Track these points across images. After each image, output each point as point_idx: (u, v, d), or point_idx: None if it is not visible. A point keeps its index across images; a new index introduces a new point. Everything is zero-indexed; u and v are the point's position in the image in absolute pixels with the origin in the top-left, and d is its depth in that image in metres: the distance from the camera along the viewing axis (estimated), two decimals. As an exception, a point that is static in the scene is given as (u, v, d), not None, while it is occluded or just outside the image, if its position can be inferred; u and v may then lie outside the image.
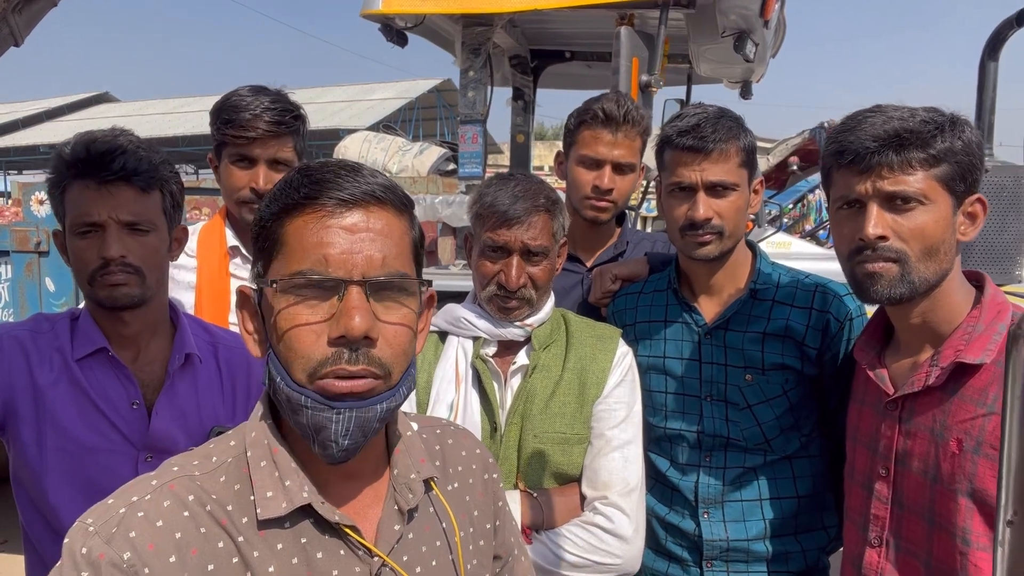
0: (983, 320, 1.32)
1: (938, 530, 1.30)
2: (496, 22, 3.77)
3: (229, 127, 1.90)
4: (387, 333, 0.88)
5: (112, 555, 0.82)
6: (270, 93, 1.95)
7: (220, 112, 1.94)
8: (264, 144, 1.91)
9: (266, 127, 1.89)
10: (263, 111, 1.89)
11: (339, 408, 0.86)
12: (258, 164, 1.92)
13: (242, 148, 1.91)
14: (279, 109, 1.92)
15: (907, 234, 1.30)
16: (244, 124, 1.89)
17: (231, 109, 1.91)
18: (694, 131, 1.65)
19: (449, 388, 1.62)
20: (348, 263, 0.87)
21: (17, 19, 0.95)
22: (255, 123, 1.88)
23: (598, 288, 2.02)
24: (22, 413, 1.43)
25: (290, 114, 1.94)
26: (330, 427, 0.86)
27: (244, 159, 1.93)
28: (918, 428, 1.35)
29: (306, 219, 0.88)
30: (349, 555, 0.91)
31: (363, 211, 0.89)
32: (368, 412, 0.87)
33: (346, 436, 0.87)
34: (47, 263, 3.76)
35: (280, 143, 1.94)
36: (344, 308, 0.85)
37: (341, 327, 0.85)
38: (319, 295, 0.87)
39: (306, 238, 0.88)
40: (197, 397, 1.56)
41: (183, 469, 0.91)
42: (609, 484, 1.58)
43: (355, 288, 0.86)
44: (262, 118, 1.89)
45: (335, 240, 0.87)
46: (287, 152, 1.95)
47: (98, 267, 1.42)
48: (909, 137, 1.27)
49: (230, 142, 1.92)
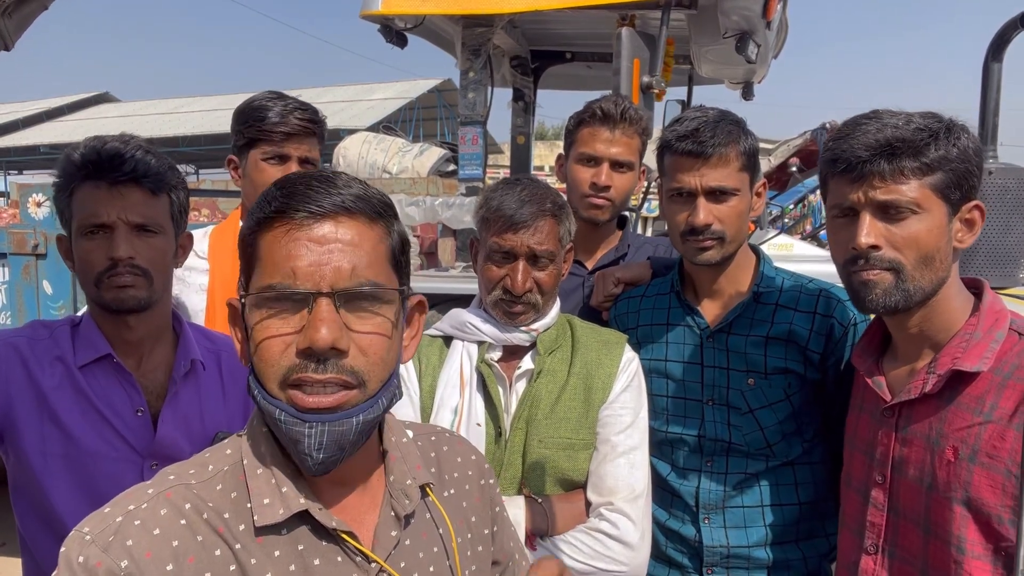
0: (981, 328, 1.31)
1: (933, 538, 1.30)
2: (496, 23, 3.76)
3: (263, 123, 1.96)
4: (361, 342, 0.88)
5: (109, 564, 0.82)
6: (292, 98, 2.04)
7: (248, 112, 1.99)
8: (298, 141, 1.99)
9: (299, 123, 1.97)
10: (294, 109, 1.97)
11: (311, 421, 0.86)
12: (290, 161, 1.98)
13: (277, 145, 1.98)
14: (309, 110, 2.01)
15: (901, 243, 1.29)
16: (277, 121, 1.95)
17: (261, 109, 1.98)
18: (693, 136, 1.64)
19: (454, 393, 1.61)
20: (316, 275, 0.87)
21: (7, 23, 0.94)
22: (288, 120, 1.96)
23: (600, 292, 2.01)
24: (23, 420, 1.42)
25: (316, 116, 2.03)
26: (303, 440, 0.86)
27: (276, 156, 1.98)
28: (914, 436, 1.35)
29: (276, 233, 0.89)
30: (346, 561, 0.92)
31: (332, 222, 0.89)
32: (342, 426, 0.87)
33: (320, 450, 0.86)
34: (45, 266, 3.74)
35: (309, 143, 2.01)
36: (311, 320, 0.86)
37: (307, 339, 0.85)
38: (290, 308, 0.88)
39: (276, 252, 0.88)
40: (200, 404, 1.55)
41: (179, 478, 0.92)
42: (615, 490, 1.57)
43: (324, 300, 0.86)
44: (295, 115, 1.97)
45: (302, 253, 0.87)
46: (315, 153, 2.03)
47: (105, 268, 1.42)
48: (901, 146, 1.27)
49: (264, 138, 1.98)
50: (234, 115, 2.05)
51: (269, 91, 2.05)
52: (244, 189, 2.10)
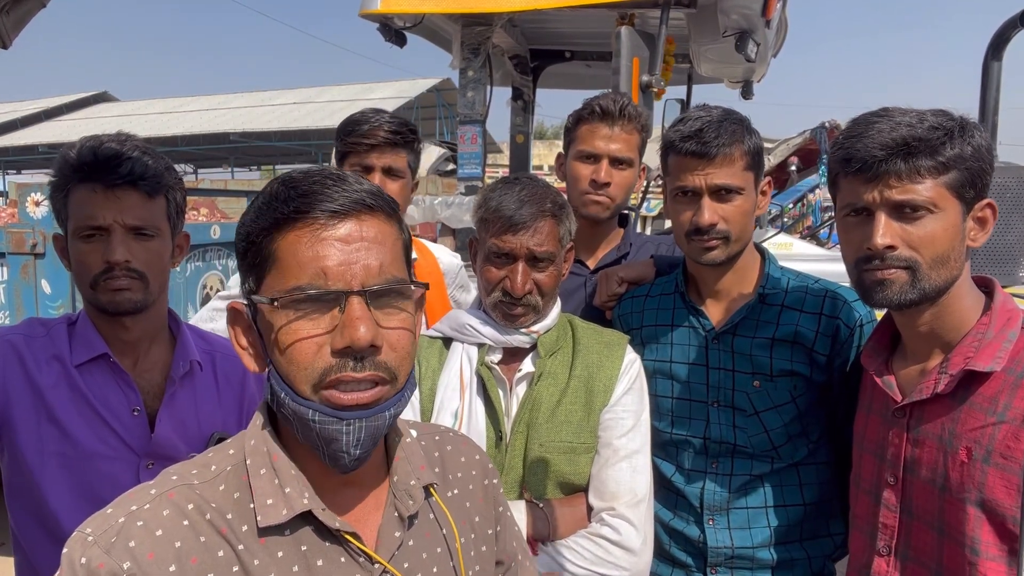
0: (993, 327, 1.30)
1: (947, 540, 1.29)
2: (495, 21, 3.76)
3: (351, 136, 2.05)
4: (390, 339, 0.89)
5: (112, 565, 0.82)
6: (388, 113, 2.11)
7: (344, 127, 2.09)
8: (381, 152, 2.05)
9: (385, 135, 2.04)
10: (383, 123, 2.05)
11: (348, 419, 0.86)
12: (374, 172, 2.05)
13: (362, 156, 2.05)
14: (397, 123, 2.08)
15: (916, 243, 1.28)
16: (364, 134, 2.04)
17: (354, 123, 2.07)
18: (697, 136, 1.62)
19: (454, 396, 1.59)
20: (347, 274, 0.87)
21: (5, 20, 0.93)
22: (375, 132, 2.04)
23: (603, 291, 2.00)
24: (20, 418, 1.42)
25: (407, 127, 2.09)
26: (341, 439, 0.87)
27: (361, 167, 2.06)
28: (926, 436, 1.34)
29: (299, 233, 0.88)
30: (350, 562, 0.92)
31: (355, 220, 0.89)
32: (377, 420, 0.88)
33: (357, 446, 0.88)
34: (43, 265, 3.72)
35: (395, 153, 2.07)
36: (347, 319, 0.86)
37: (346, 338, 0.85)
38: (319, 308, 0.87)
39: (301, 252, 0.87)
40: (196, 405, 1.55)
41: (182, 478, 0.91)
42: (617, 495, 1.55)
43: (356, 299, 0.86)
44: (382, 127, 2.04)
45: (331, 252, 0.87)
46: (401, 162, 2.09)
47: (101, 271, 1.41)
48: (917, 145, 1.25)
49: (352, 150, 2.06)
50: (336, 131, 2.15)
51: (371, 108, 2.15)
52: None
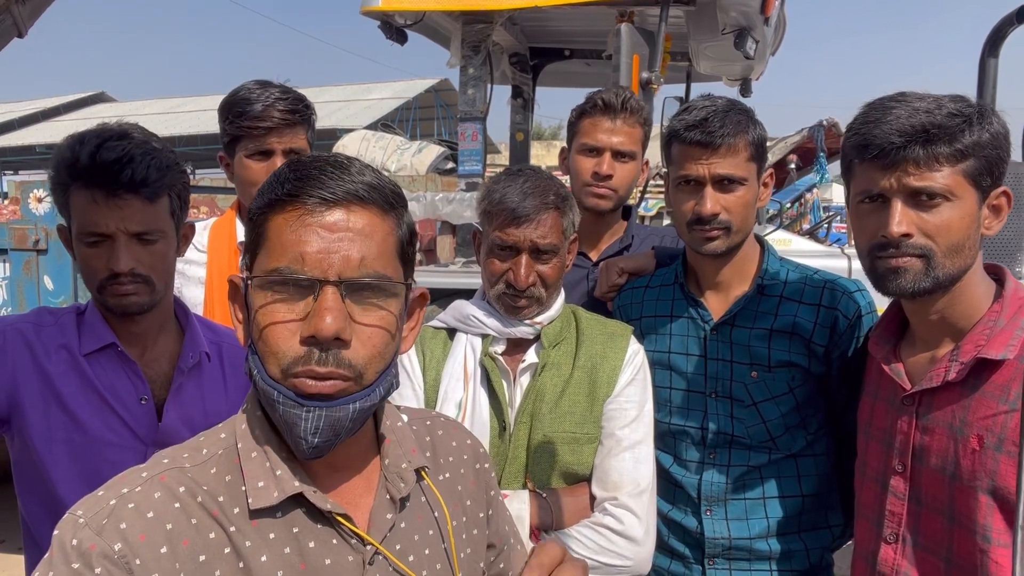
0: (1005, 315, 1.29)
1: (958, 527, 1.28)
2: (496, 19, 3.76)
3: (243, 119, 1.90)
4: (362, 334, 0.88)
5: (103, 546, 0.82)
6: (277, 85, 1.95)
7: (231, 107, 1.93)
8: (280, 134, 1.91)
9: (280, 116, 1.90)
10: (275, 101, 1.89)
11: (309, 406, 0.86)
12: (274, 156, 1.92)
13: (258, 140, 1.91)
14: (291, 99, 1.92)
15: (932, 231, 1.26)
16: (258, 115, 1.88)
17: (242, 102, 1.90)
18: (702, 125, 1.62)
19: (458, 386, 1.60)
20: (324, 263, 0.86)
21: (20, 9, 0.94)
22: (269, 113, 1.89)
23: (604, 282, 2.01)
24: (29, 404, 1.42)
25: (301, 103, 1.95)
26: (300, 424, 0.86)
27: (260, 152, 1.92)
28: (936, 424, 1.33)
29: (287, 216, 0.88)
30: (341, 544, 0.92)
31: (344, 210, 0.88)
32: (338, 411, 0.87)
33: (315, 434, 0.87)
34: (46, 261, 3.74)
35: (294, 133, 1.94)
36: (317, 308, 0.85)
37: (312, 327, 0.85)
38: (295, 293, 0.87)
39: (285, 235, 0.88)
40: (203, 395, 1.56)
41: (173, 461, 0.92)
42: (619, 485, 1.56)
43: (330, 288, 0.86)
44: (275, 107, 1.89)
45: (312, 239, 0.87)
46: (300, 141, 1.95)
47: (107, 277, 1.41)
48: (936, 132, 1.23)
49: (245, 134, 1.91)
50: (219, 109, 1.98)
51: (254, 80, 1.96)
52: (236, 186, 2.07)
